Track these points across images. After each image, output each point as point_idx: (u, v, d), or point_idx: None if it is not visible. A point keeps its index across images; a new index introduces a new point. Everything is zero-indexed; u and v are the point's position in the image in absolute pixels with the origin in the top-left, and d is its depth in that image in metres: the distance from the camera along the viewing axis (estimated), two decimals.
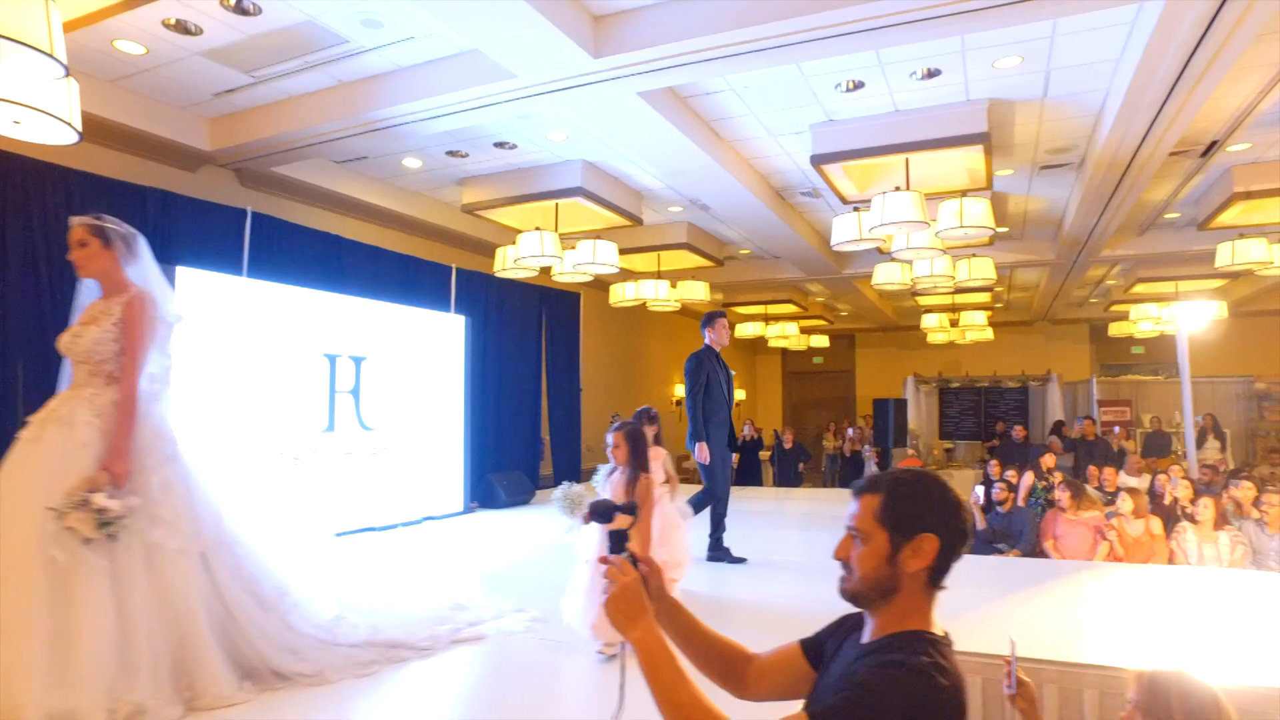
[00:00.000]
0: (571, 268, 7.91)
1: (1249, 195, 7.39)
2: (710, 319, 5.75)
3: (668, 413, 14.68)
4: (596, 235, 7.92)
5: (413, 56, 5.20)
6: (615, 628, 1.38)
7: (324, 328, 6.50)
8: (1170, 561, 5.65)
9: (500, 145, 6.76)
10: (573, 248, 7.85)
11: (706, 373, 5.60)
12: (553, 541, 6.36)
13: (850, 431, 12.72)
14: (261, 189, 6.84)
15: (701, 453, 5.52)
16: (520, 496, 8.62)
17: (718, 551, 5.57)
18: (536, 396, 10.02)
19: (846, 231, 6.49)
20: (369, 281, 7.31)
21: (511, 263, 7.70)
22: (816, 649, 1.56)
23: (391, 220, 8.07)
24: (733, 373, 5.97)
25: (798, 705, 1.34)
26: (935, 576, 1.38)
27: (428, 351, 7.65)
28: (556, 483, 10.20)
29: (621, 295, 9.97)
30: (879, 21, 4.15)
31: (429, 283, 8.25)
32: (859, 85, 5.53)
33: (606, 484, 3.86)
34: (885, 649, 1.32)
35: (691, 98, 5.77)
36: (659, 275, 9.88)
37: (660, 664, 1.32)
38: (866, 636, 1.40)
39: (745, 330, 14.63)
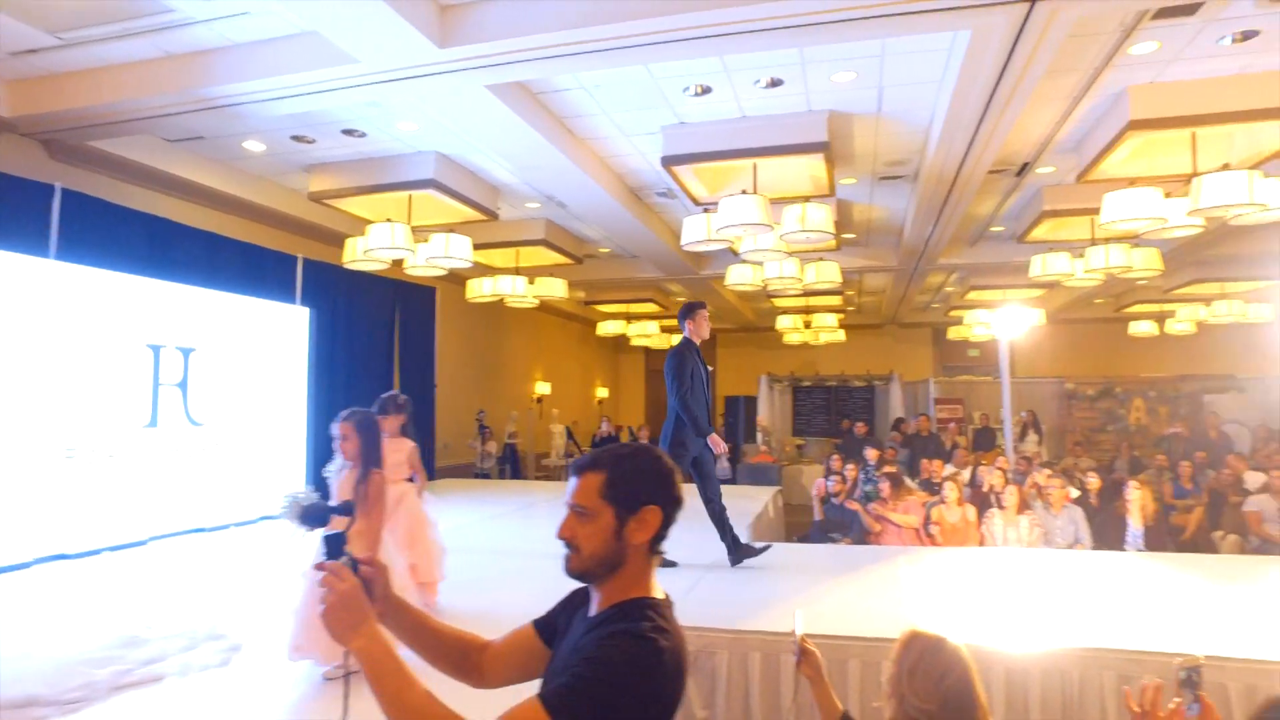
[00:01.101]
0: (425, 261, 7.74)
1: (1056, 214, 8.14)
2: (690, 310, 5.39)
3: (527, 410, 14.61)
4: (451, 229, 7.78)
5: (248, 33, 4.93)
6: (336, 639, 1.32)
7: (148, 317, 6.05)
8: (981, 544, 6.15)
9: (349, 133, 6.53)
10: (426, 241, 7.67)
11: (691, 368, 5.23)
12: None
13: None
14: (77, 164, 6.30)
15: (717, 445, 5.11)
16: None
17: (738, 553, 5.02)
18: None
19: (696, 232, 6.67)
20: (203, 269, 6.88)
21: (361, 254, 7.45)
22: (549, 627, 1.58)
23: (231, 205, 7.62)
24: (710, 369, 5.58)
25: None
26: (656, 545, 1.43)
27: (269, 344, 7.28)
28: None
29: (479, 290, 9.84)
30: (719, 29, 4.29)
31: (272, 272, 7.85)
32: (707, 90, 5.69)
33: (336, 481, 3.55)
34: (611, 619, 1.35)
35: (543, 94, 5.77)
36: (517, 271, 9.82)
37: (386, 671, 1.27)
38: (593, 609, 1.42)
39: (607, 329, 14.77)
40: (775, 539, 7.75)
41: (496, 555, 5.43)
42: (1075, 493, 6.72)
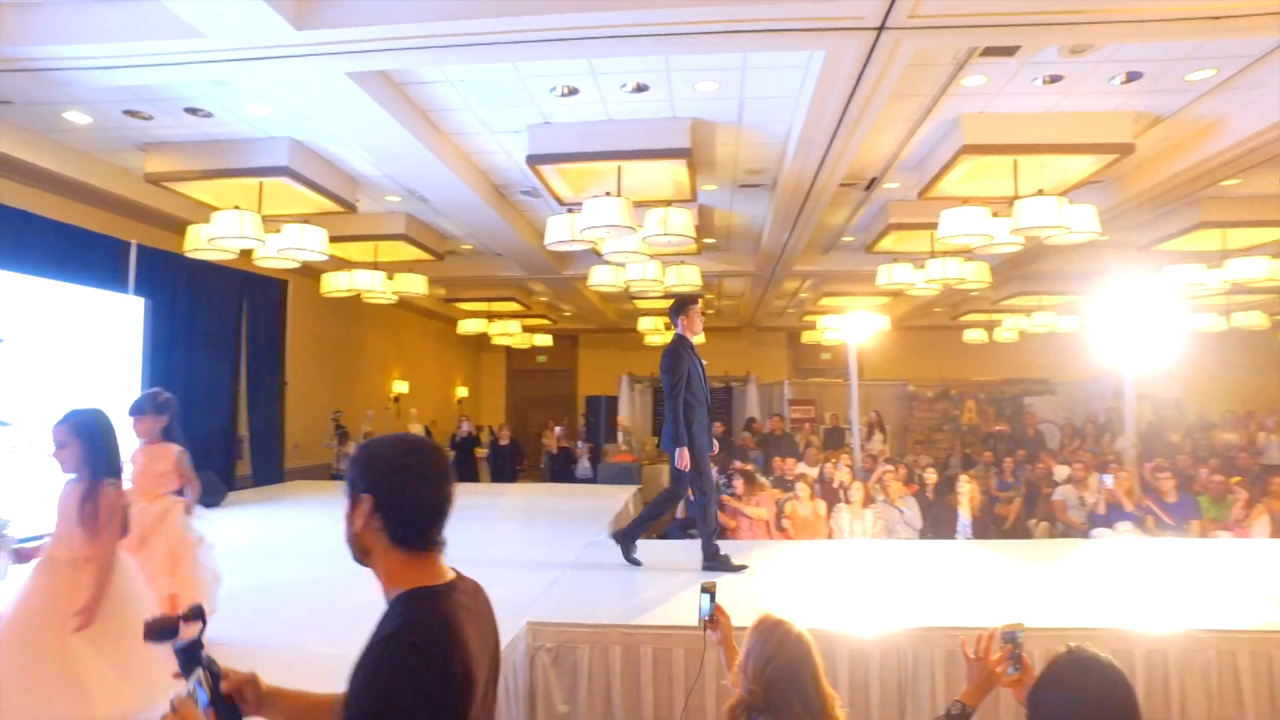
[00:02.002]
0: (276, 252, 7.35)
1: (900, 227, 8.72)
2: (682, 306, 5.19)
3: (385, 409, 14.15)
4: (305, 219, 7.43)
5: None
6: None
7: None
8: (829, 537, 6.51)
9: (193, 111, 6.09)
10: (278, 231, 7.29)
11: (686, 366, 5.00)
12: (229, 548, 5.74)
13: (557, 429, 12.90)
14: None
15: (682, 459, 4.81)
16: (209, 499, 7.81)
17: (713, 561, 4.83)
18: (232, 390, 9.17)
19: (559, 232, 6.70)
20: (13, 251, 6.23)
21: (205, 242, 6.99)
22: None
23: (50, 182, 6.94)
24: (704, 363, 5.33)
25: None
26: (398, 537, 1.42)
27: (96, 336, 6.70)
28: (257, 483, 9.44)
29: (334, 285, 9.43)
30: (585, 33, 4.34)
31: (99, 258, 7.23)
32: (574, 91, 5.72)
33: (60, 499, 2.91)
34: (381, 622, 1.37)
35: (407, 85, 5.62)
36: (375, 266, 9.49)
37: None
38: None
39: (468, 327, 14.49)
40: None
41: (344, 558, 5.21)
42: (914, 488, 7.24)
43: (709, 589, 2.54)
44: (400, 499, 1.42)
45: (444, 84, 5.58)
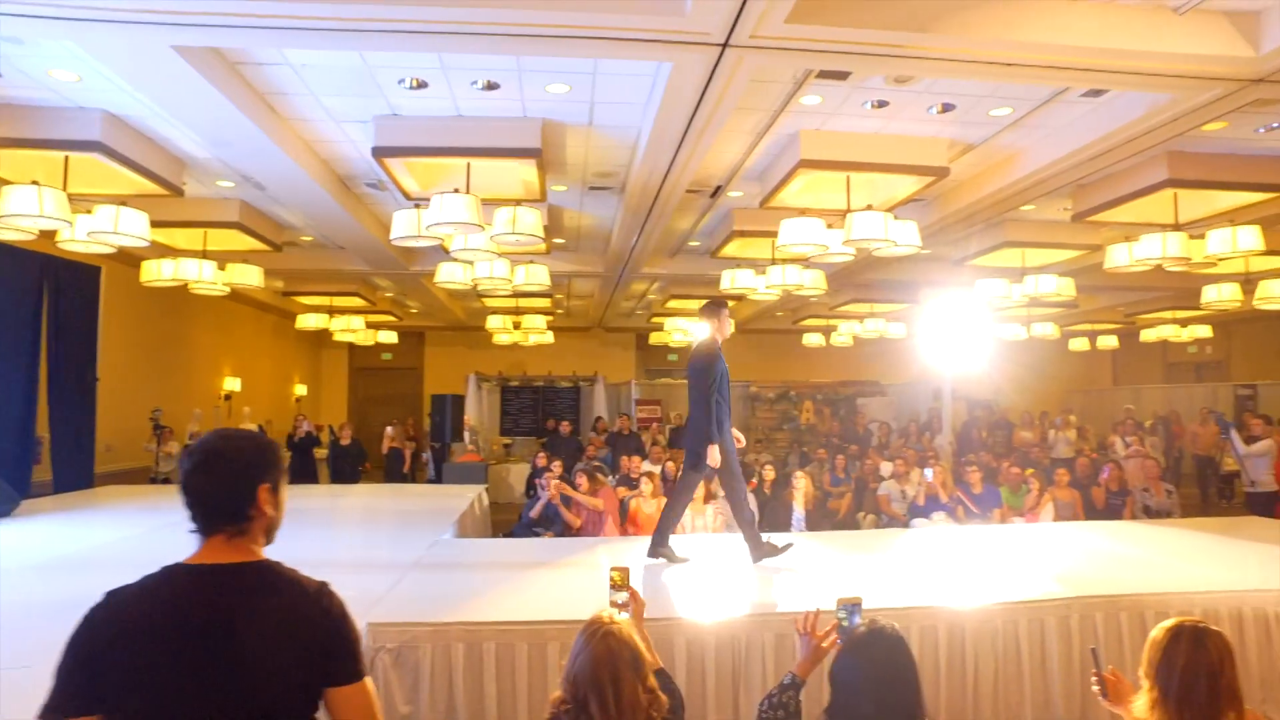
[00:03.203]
0: (86, 236, 6.72)
1: (744, 234, 9.11)
2: (717, 307, 5.13)
3: (214, 408, 13.26)
4: (122, 201, 6.83)
5: None
6: None
7: None
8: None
9: None
10: (89, 212, 6.68)
11: (721, 368, 4.95)
12: (23, 561, 5.18)
13: (388, 429, 12.46)
14: None
15: (713, 456, 4.80)
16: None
17: (760, 551, 4.88)
18: (31, 385, 8.30)
19: (406, 227, 6.55)
20: None
21: None
22: None
23: None
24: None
25: None
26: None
27: None
28: (60, 489, 8.58)
29: (157, 274, 8.72)
30: (433, 27, 4.28)
31: None
32: (423, 84, 5.61)
33: None
34: None
35: (243, 64, 5.32)
36: (204, 255, 8.87)
37: None
38: None
39: (307, 322, 13.82)
40: (481, 536, 7.82)
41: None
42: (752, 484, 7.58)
43: (620, 574, 2.72)
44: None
45: (284, 67, 5.33)
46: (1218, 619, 3.96)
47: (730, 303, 5.44)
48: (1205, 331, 15.64)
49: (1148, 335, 15.82)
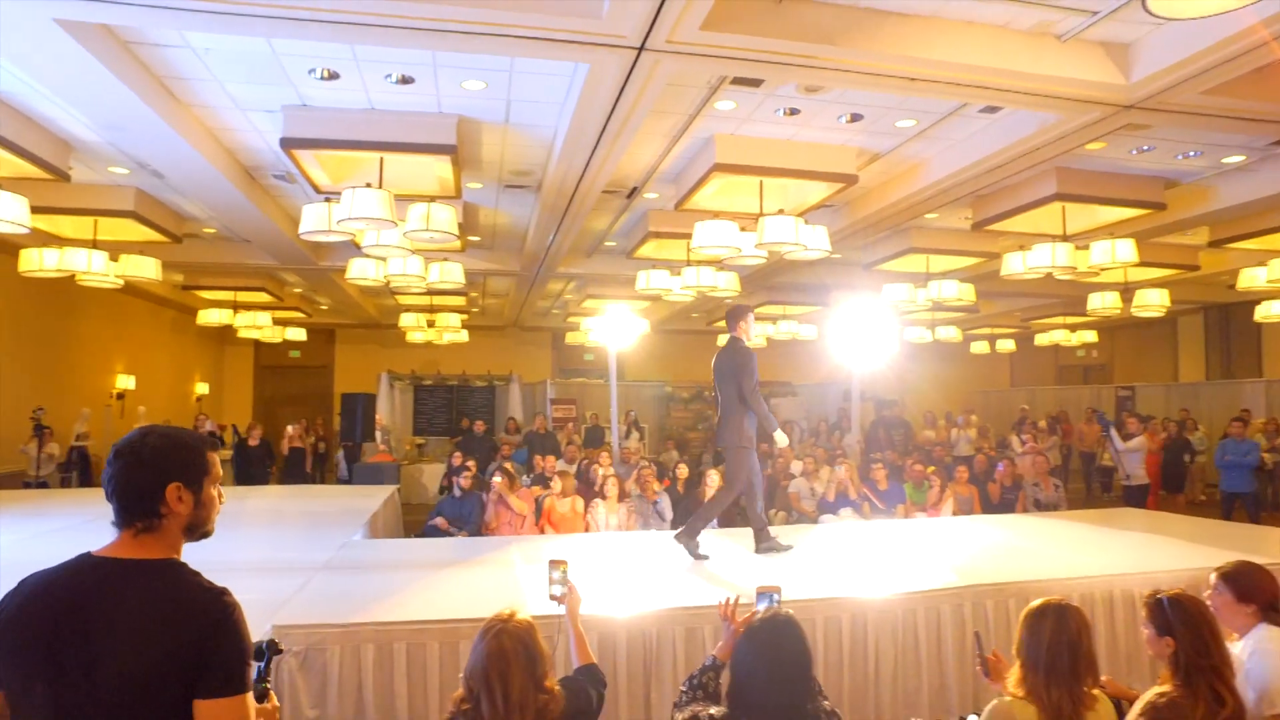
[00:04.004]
0: None
1: (659, 235, 9.22)
2: (743, 313, 5.51)
3: (105, 407, 12.58)
4: None
5: None
6: None
7: None
8: (587, 530, 6.75)
9: None
10: None
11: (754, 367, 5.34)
12: None
13: (290, 427, 12.02)
14: None
15: (781, 439, 5.46)
16: None
17: (767, 542, 5.25)
18: None
19: (316, 221, 6.38)
20: None
21: None
22: None
23: None
24: None
25: None
26: None
27: None
28: None
29: (39, 263, 8.17)
30: (344, 17, 4.19)
31: None
32: (335, 75, 5.48)
33: None
34: None
35: (137, 44, 5.06)
36: (95, 244, 8.39)
37: None
38: None
39: (210, 317, 13.25)
40: (394, 537, 7.68)
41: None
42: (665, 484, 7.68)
43: (559, 567, 2.79)
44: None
45: (184, 50, 5.11)
46: (1092, 602, 4.27)
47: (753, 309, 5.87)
48: (1092, 336, 16.69)
49: (1041, 339, 16.74)
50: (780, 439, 5.49)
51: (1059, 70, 4.98)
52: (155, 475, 1.61)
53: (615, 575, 4.59)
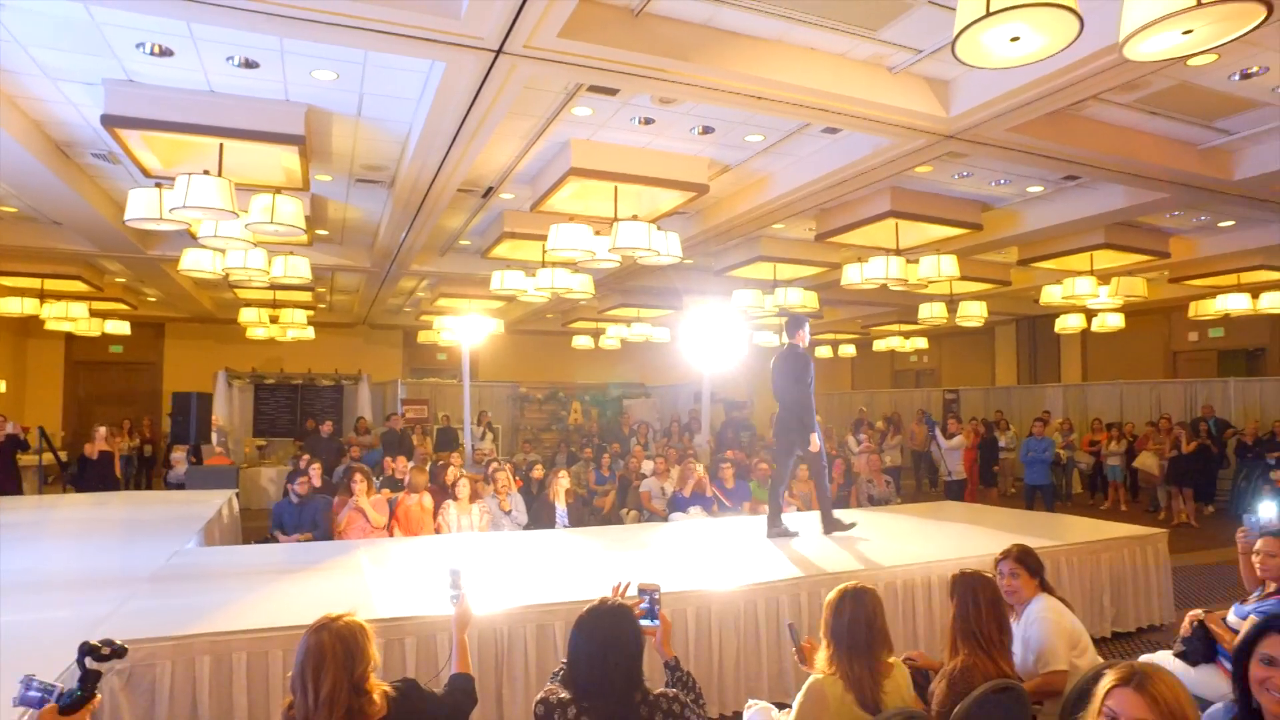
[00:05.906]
0: None
1: (514, 236, 9.18)
2: (802, 322, 6.04)
3: None
4: None
5: None
6: None
7: None
8: (438, 532, 6.66)
9: None
10: None
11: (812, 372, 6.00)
12: None
13: (100, 429, 11.07)
14: None
15: (814, 443, 5.85)
16: None
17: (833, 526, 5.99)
18: None
19: (144, 208, 5.93)
20: None
21: None
22: None
23: None
24: None
25: None
26: None
27: None
28: None
29: None
30: None
31: None
32: (167, 52, 5.12)
33: None
34: None
35: None
36: None
37: None
38: None
39: (10, 307, 11.87)
40: (232, 544, 7.27)
41: None
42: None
43: (454, 574, 2.87)
44: None
45: None
46: (912, 585, 4.68)
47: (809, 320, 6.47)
48: (923, 343, 18.06)
49: (879, 345, 17.92)
50: (814, 441, 5.92)
51: (890, 99, 5.42)
52: None
53: (467, 576, 4.57)
